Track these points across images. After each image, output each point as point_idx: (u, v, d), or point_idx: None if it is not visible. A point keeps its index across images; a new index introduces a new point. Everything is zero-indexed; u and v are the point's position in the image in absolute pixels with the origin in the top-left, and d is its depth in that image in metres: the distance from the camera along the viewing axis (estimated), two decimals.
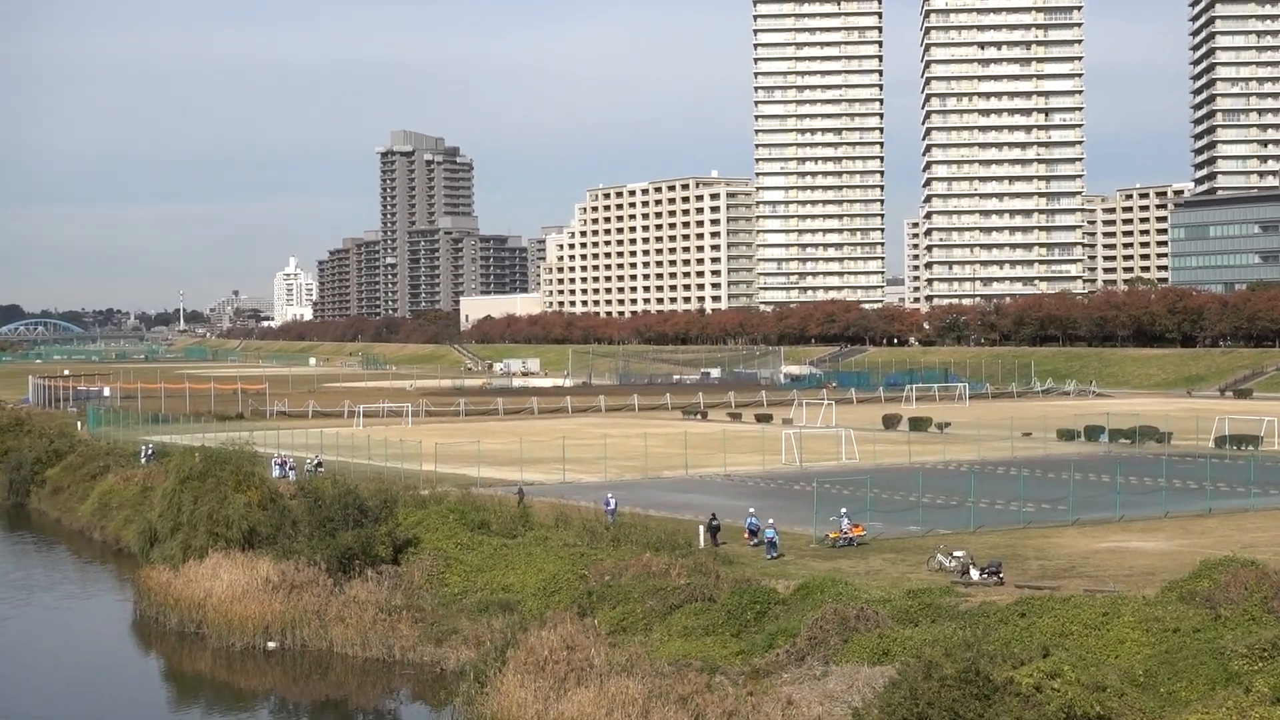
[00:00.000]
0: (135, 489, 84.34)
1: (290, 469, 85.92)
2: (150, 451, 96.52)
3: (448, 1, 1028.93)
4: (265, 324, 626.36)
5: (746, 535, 62.44)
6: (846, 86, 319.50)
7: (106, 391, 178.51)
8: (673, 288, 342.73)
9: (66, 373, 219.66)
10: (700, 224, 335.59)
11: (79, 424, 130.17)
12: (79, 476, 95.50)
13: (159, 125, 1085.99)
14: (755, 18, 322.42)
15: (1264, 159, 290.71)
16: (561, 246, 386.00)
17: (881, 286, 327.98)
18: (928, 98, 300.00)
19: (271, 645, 54.59)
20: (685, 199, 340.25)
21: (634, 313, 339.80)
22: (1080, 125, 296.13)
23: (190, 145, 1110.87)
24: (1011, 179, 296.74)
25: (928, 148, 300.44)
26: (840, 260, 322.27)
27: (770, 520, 60.80)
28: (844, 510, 62.77)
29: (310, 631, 54.30)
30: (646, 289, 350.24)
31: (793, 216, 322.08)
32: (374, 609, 54.13)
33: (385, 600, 55.04)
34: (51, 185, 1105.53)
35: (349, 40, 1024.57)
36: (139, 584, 62.76)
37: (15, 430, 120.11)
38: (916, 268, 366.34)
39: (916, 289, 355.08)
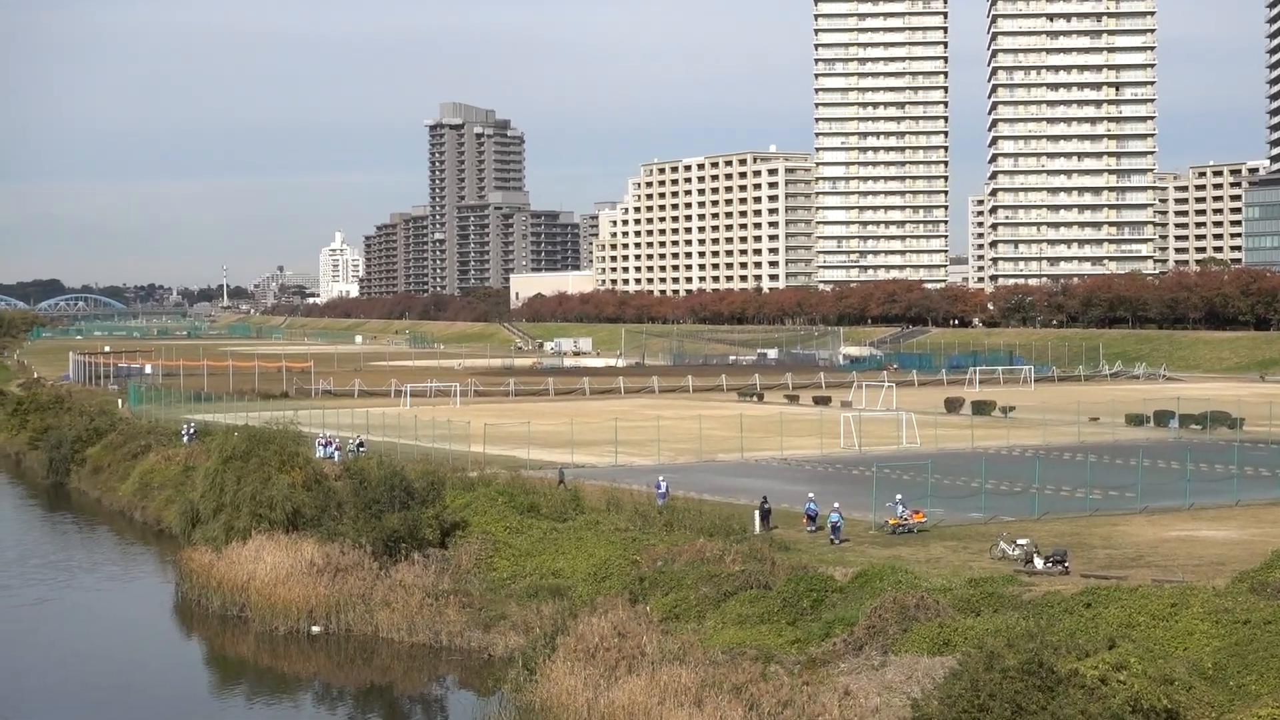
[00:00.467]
0: (177, 469, 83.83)
1: (335, 449, 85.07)
2: (192, 431, 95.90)
3: None
4: (310, 301, 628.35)
5: (805, 520, 61.05)
6: (910, 59, 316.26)
7: (148, 369, 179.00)
8: (729, 266, 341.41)
9: (107, 349, 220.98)
10: (758, 200, 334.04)
11: (120, 402, 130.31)
12: (120, 455, 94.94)
13: (204, 98, 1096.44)
14: None
15: None
16: (615, 223, 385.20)
17: (945, 266, 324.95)
18: (994, 71, 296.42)
19: (316, 629, 53.81)
20: (742, 174, 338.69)
21: (689, 291, 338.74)
22: (1152, 100, 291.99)
23: (236, 119, 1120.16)
24: (1080, 155, 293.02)
25: (994, 122, 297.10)
26: (902, 238, 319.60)
27: (835, 504, 59.52)
28: (899, 496, 61.36)
29: (355, 616, 53.56)
30: (702, 267, 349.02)
31: (853, 193, 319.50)
32: (420, 593, 53.35)
33: (432, 585, 54.24)
34: (94, 159, 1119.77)
35: (399, 11, 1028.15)
36: (181, 566, 62.13)
37: (55, 408, 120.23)
38: (981, 246, 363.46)
39: (981, 268, 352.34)
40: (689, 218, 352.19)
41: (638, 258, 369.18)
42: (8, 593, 63.03)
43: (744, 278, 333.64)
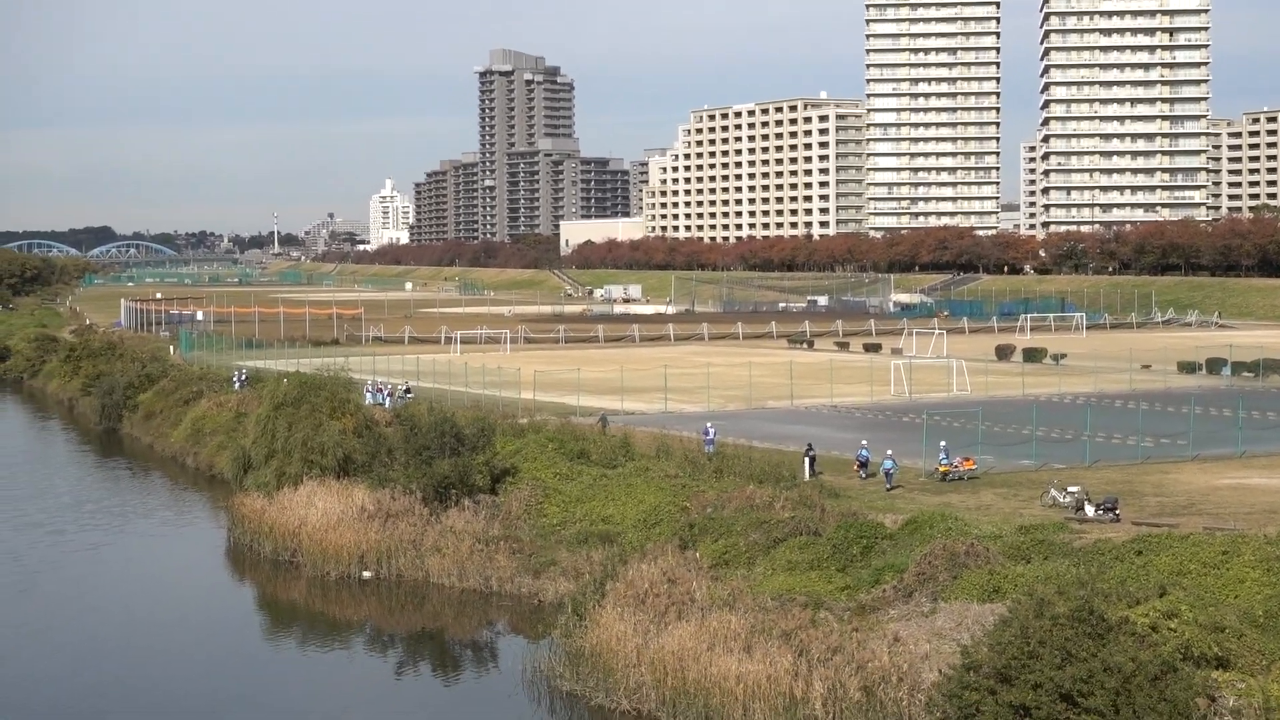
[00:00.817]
0: (229, 415, 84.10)
1: (387, 396, 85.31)
2: (244, 377, 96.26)
3: None
4: (360, 248, 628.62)
5: (856, 467, 60.98)
6: (962, 4, 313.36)
7: (199, 315, 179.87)
8: (779, 213, 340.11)
9: (159, 296, 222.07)
10: (808, 147, 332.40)
11: (171, 348, 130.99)
12: (171, 402, 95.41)
13: (257, 45, 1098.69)
14: None
15: None
16: (664, 169, 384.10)
17: (996, 213, 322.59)
18: (1047, 16, 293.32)
19: (367, 575, 54.07)
20: (793, 120, 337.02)
21: (739, 238, 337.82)
22: (1206, 45, 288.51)
23: (287, 66, 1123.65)
24: (1133, 101, 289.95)
25: (1046, 68, 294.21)
26: (953, 185, 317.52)
27: (888, 451, 59.43)
28: (943, 444, 61.01)
29: (406, 561, 53.76)
30: (752, 214, 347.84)
31: (904, 139, 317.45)
32: (471, 539, 53.53)
33: (482, 530, 54.43)
34: (145, 106, 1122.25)
35: None
36: (232, 511, 62.42)
37: (107, 355, 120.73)
38: (1033, 193, 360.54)
39: (1032, 215, 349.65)
40: (739, 164, 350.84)
41: (688, 205, 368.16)
42: (63, 538, 63.57)
43: (794, 225, 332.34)
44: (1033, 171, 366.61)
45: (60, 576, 56.79)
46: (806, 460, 60.27)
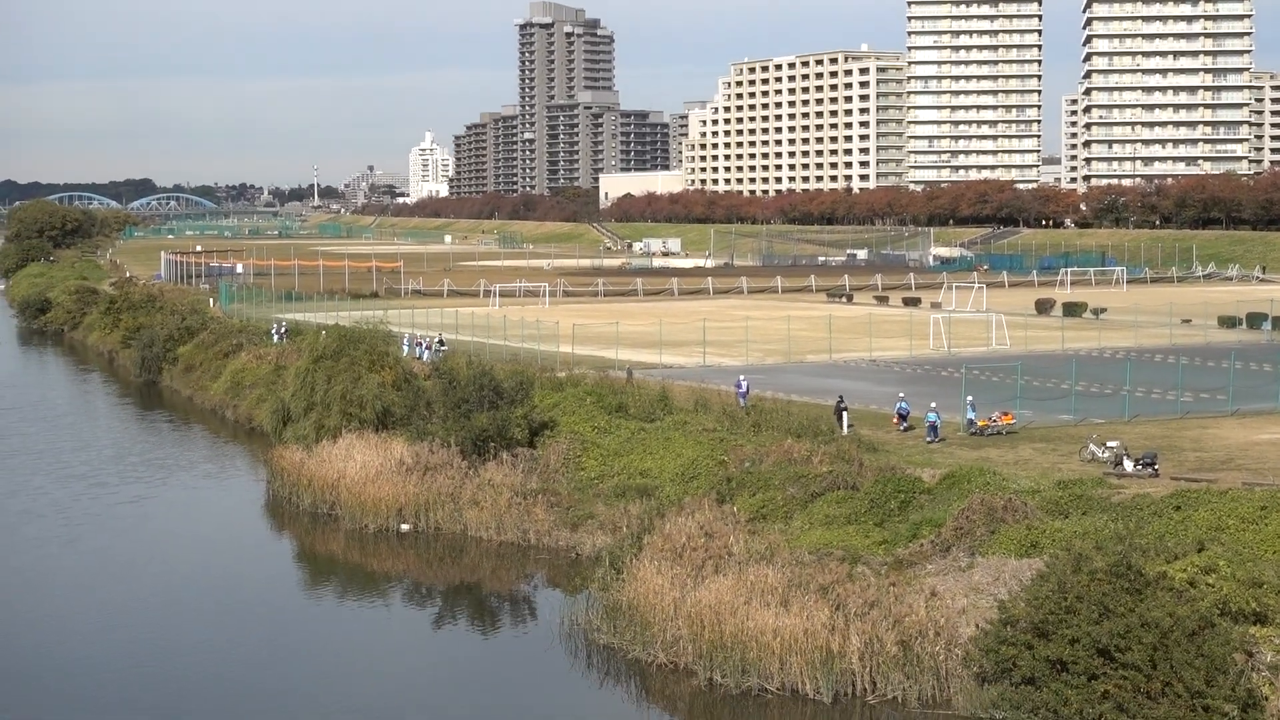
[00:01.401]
0: (268, 368, 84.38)
1: (426, 349, 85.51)
2: (284, 330, 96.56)
3: None
4: (400, 200, 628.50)
5: (895, 420, 60.93)
6: None
7: (239, 268, 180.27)
8: (819, 166, 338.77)
9: (199, 249, 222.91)
10: (849, 99, 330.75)
11: (211, 301, 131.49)
12: (211, 354, 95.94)
13: None
14: None
15: None
16: (704, 123, 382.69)
17: (1037, 166, 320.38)
18: None
19: (405, 528, 54.38)
20: (833, 73, 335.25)
21: (778, 191, 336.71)
22: None
23: (326, 16, 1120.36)
24: (1176, 54, 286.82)
25: (1088, 20, 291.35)
26: (994, 138, 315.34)
27: (932, 404, 59.48)
28: (970, 399, 60.68)
29: (444, 514, 54.06)
30: (792, 167, 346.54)
31: (945, 92, 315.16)
32: (509, 492, 53.78)
33: (520, 484, 54.67)
34: (185, 57, 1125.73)
35: None
36: (272, 464, 62.67)
37: (147, 307, 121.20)
38: (1074, 146, 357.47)
39: (1073, 169, 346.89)
40: (779, 117, 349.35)
41: (727, 158, 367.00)
42: (106, 490, 64.10)
43: (834, 178, 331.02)
44: (1074, 124, 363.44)
45: (101, 529, 57.25)
46: (837, 412, 60.12)
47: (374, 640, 44.45)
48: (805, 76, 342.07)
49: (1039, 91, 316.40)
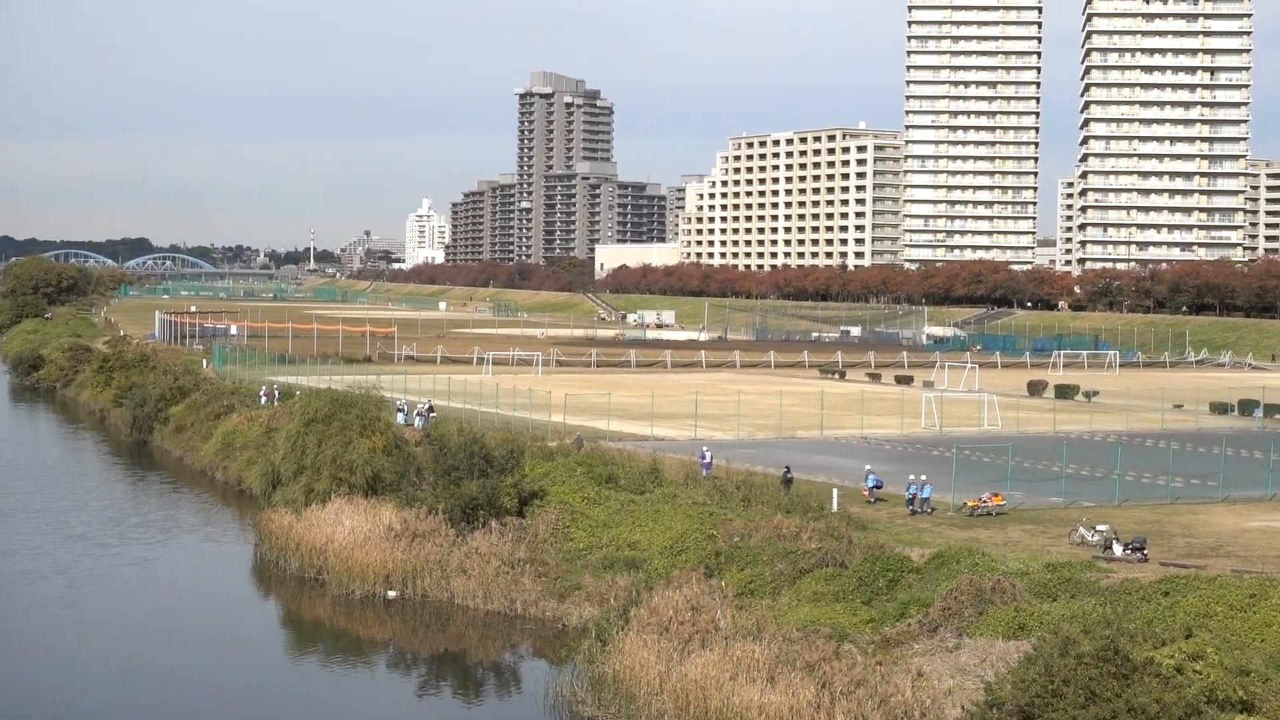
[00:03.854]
0: (259, 430, 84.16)
1: (418, 415, 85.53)
2: (276, 393, 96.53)
3: None
4: (396, 266, 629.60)
5: (865, 492, 61.90)
6: (1003, 38, 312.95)
7: (233, 330, 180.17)
8: (814, 242, 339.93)
9: (193, 309, 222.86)
10: (845, 176, 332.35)
11: (204, 362, 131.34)
12: (203, 415, 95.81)
13: (295, 60, 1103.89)
14: None
15: None
16: (701, 196, 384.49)
17: (1032, 248, 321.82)
18: (1088, 52, 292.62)
19: (392, 594, 54.12)
20: (831, 150, 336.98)
21: (773, 266, 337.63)
22: (1247, 86, 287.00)
23: (326, 81, 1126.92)
24: (1173, 140, 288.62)
25: (1086, 104, 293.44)
26: (990, 219, 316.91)
27: (923, 477, 60.50)
28: (923, 477, 61.17)
29: (431, 582, 53.79)
30: (787, 242, 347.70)
31: (942, 172, 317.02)
32: (497, 561, 53.57)
33: (508, 553, 54.43)
34: (185, 117, 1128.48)
35: None
36: (260, 527, 62.55)
37: (140, 366, 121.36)
38: (1069, 229, 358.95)
39: (1068, 251, 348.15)
40: (776, 192, 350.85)
41: (723, 231, 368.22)
42: (88, 550, 63.78)
43: (829, 254, 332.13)
44: (1070, 207, 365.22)
45: (84, 592, 56.90)
46: (784, 483, 61.57)
47: (358, 708, 44.21)
48: (803, 153, 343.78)
49: (1035, 173, 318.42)
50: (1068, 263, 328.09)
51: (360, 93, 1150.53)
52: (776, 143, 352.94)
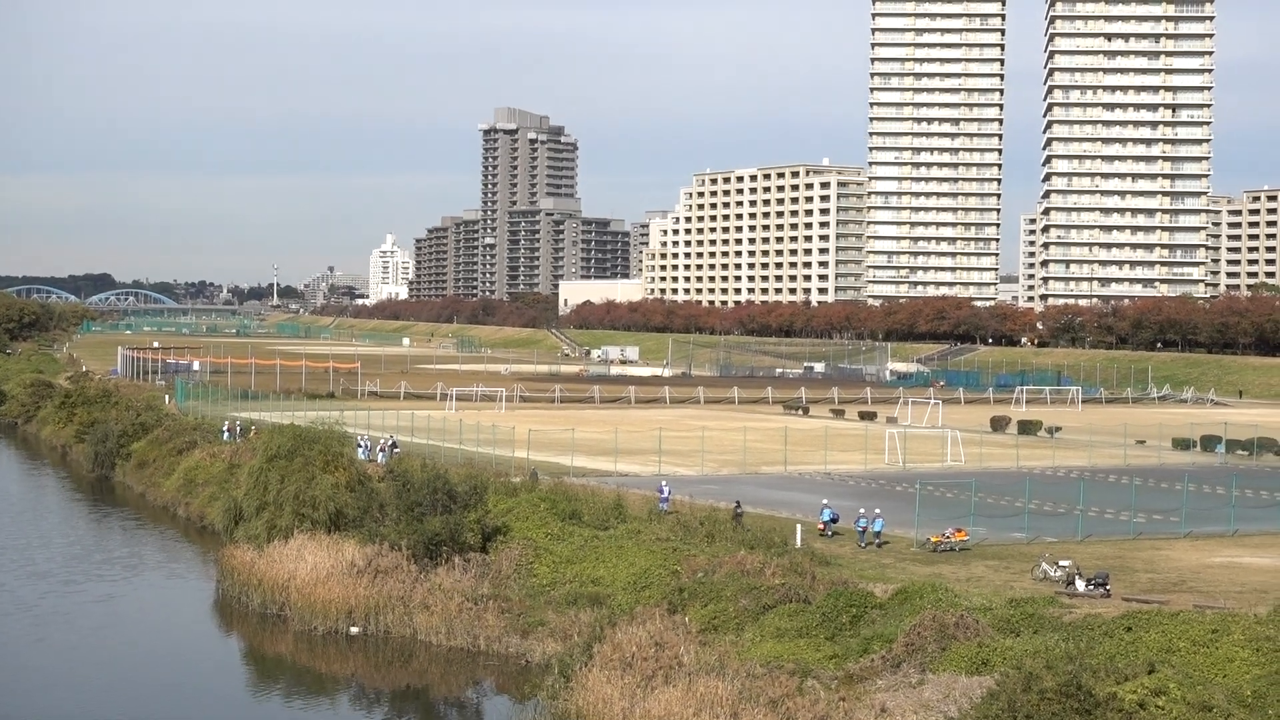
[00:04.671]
0: (221, 466, 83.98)
1: (380, 450, 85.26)
2: (240, 429, 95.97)
3: None
4: (359, 302, 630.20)
5: (821, 526, 62.35)
6: (966, 75, 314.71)
7: (196, 365, 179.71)
8: (778, 278, 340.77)
9: (156, 345, 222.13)
10: (809, 213, 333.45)
11: (166, 398, 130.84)
12: (165, 451, 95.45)
13: (260, 95, 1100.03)
14: (875, 1, 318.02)
15: None
16: (665, 232, 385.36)
17: (995, 284, 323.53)
18: (1050, 89, 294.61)
19: (354, 630, 53.89)
20: (794, 186, 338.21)
21: (737, 302, 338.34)
22: (1208, 123, 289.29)
23: (289, 116, 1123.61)
24: (1135, 176, 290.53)
25: (1048, 141, 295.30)
26: (953, 255, 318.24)
27: (876, 510, 61.31)
28: (876, 511, 62.31)
29: (394, 618, 53.60)
30: (751, 278, 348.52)
31: (905, 208, 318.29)
32: (460, 597, 53.40)
33: (471, 589, 54.29)
34: (149, 152, 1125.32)
35: (456, 13, 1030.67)
36: (222, 563, 62.23)
37: (102, 402, 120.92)
38: (1032, 265, 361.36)
39: (1031, 287, 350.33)
40: (740, 229, 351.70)
41: (687, 267, 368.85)
42: (47, 587, 63.29)
43: (793, 290, 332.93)
44: (1032, 244, 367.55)
45: (41, 629, 56.44)
46: (735, 518, 62.12)
47: None
48: (767, 189, 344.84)
49: (998, 210, 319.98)
50: (1030, 299, 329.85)
51: (325, 128, 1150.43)
52: (740, 179, 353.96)
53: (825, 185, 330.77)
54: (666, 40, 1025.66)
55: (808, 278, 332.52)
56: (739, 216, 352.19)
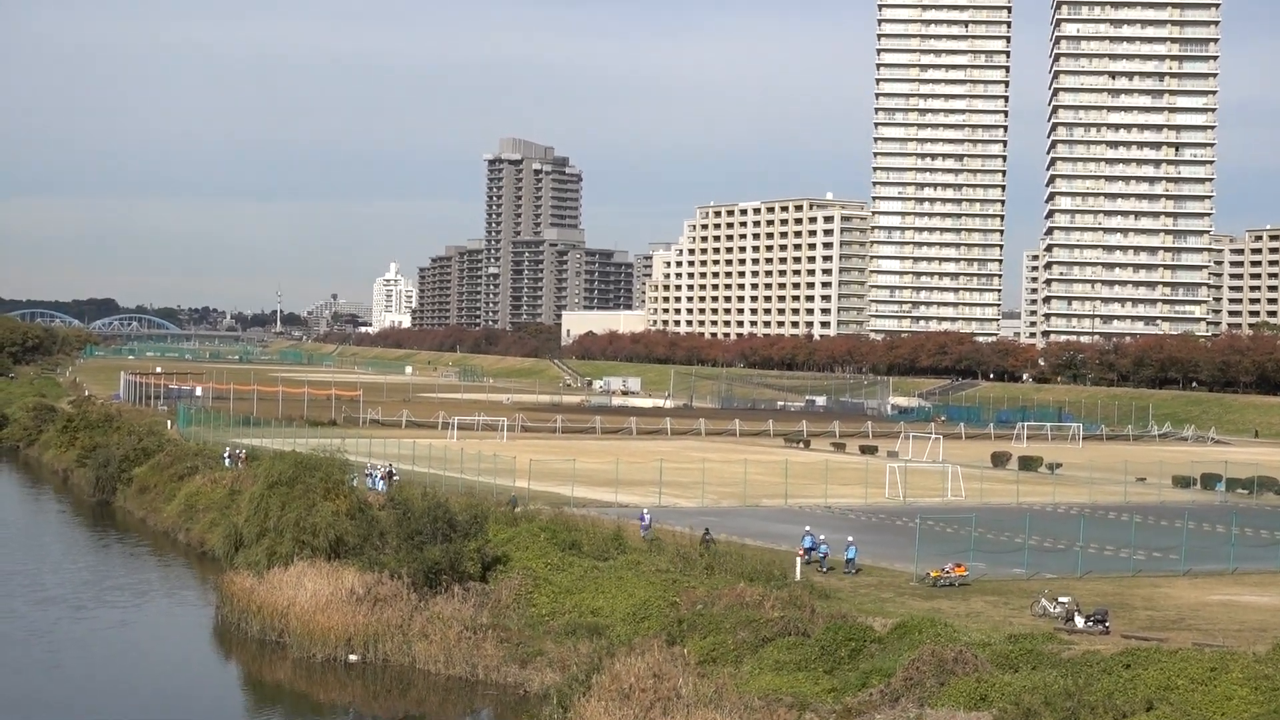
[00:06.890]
0: (222, 491, 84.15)
1: (381, 478, 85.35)
2: (242, 455, 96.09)
3: (567, 9, 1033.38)
4: (363, 330, 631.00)
5: (800, 552, 62.17)
6: (970, 112, 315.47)
7: (198, 391, 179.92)
8: (781, 311, 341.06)
9: (159, 370, 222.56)
10: (812, 247, 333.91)
11: (169, 423, 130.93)
12: (166, 476, 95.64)
13: (266, 122, 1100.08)
14: (879, 37, 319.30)
15: None
16: (669, 264, 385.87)
17: (997, 320, 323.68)
18: (1054, 127, 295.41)
19: (353, 658, 53.89)
20: (798, 220, 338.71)
21: (739, 335, 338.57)
22: (1211, 161, 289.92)
23: (295, 143, 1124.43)
24: (1137, 214, 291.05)
25: (1052, 178, 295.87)
26: (955, 290, 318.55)
27: (849, 538, 62.12)
28: (849, 538, 63.18)
29: (393, 646, 53.61)
30: (754, 311, 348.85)
31: (908, 243, 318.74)
32: (459, 626, 53.41)
33: (471, 618, 54.30)
34: (155, 178, 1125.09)
35: (463, 44, 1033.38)
36: (222, 589, 62.28)
37: (104, 426, 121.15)
38: (1034, 301, 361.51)
39: (1033, 324, 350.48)
40: (743, 261, 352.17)
41: (690, 299, 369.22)
42: (48, 613, 63.30)
43: (795, 324, 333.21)
44: (1035, 280, 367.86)
45: (42, 653, 56.44)
46: (704, 543, 62.95)
47: None
48: (770, 222, 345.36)
49: (1001, 245, 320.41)
50: (1032, 335, 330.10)
51: (330, 156, 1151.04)
52: (744, 212, 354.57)
53: (829, 219, 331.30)
54: (672, 73, 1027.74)
55: (810, 311, 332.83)
56: (742, 249, 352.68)
